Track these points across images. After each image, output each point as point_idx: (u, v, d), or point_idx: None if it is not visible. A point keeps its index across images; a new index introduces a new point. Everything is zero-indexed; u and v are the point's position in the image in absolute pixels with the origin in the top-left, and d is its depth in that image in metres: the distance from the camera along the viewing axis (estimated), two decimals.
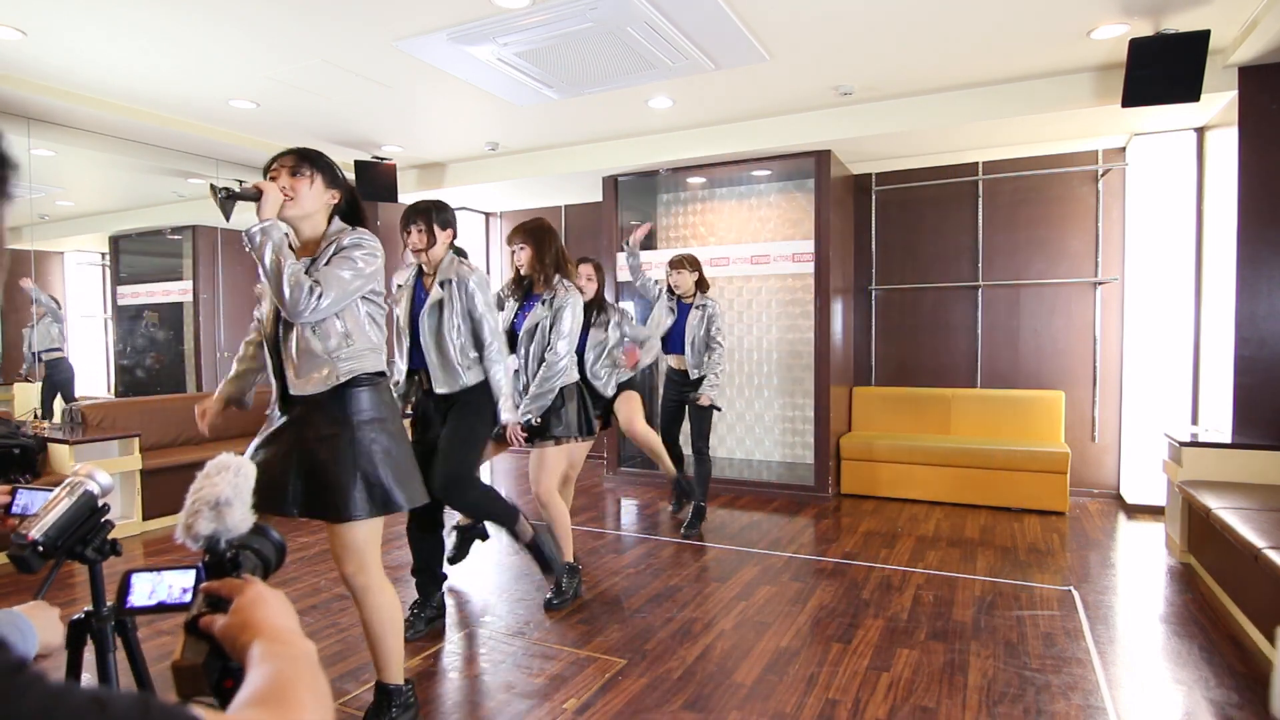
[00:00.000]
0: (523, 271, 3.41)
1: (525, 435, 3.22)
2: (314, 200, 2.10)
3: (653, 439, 4.34)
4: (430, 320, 2.87)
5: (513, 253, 3.41)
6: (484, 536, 3.81)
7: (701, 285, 4.57)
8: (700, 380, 4.44)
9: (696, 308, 4.47)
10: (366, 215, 2.24)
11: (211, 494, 0.87)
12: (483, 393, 2.93)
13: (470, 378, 2.90)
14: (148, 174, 6.11)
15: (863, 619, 3.19)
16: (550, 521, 3.40)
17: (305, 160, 2.08)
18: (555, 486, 3.42)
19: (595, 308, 3.90)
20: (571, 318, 3.30)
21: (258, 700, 0.61)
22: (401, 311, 2.95)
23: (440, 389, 2.91)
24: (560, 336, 3.27)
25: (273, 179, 2.07)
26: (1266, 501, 3.22)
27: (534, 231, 3.37)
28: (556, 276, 3.36)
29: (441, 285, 2.87)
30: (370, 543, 2.11)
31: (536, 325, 3.33)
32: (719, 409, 4.49)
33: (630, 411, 4.26)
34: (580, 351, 3.80)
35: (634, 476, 6.00)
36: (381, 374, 2.19)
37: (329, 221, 2.15)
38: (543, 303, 3.34)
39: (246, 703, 0.61)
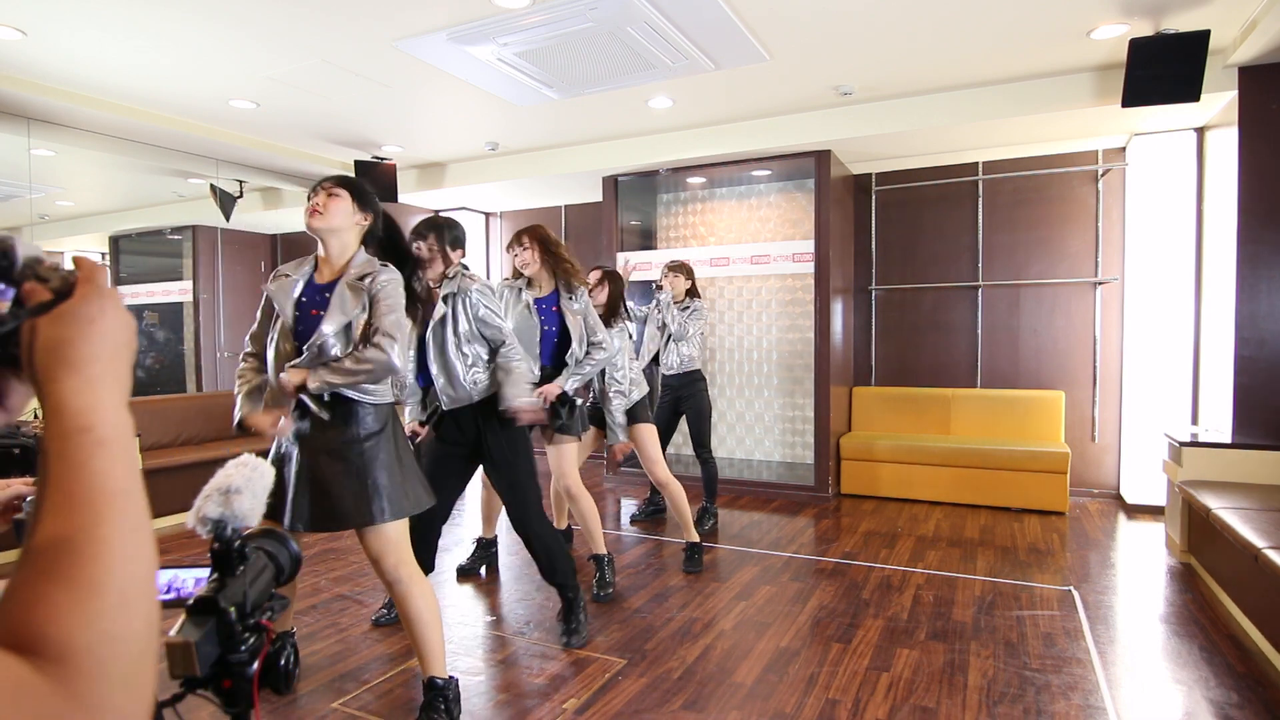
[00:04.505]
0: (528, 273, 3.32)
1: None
2: (341, 217, 2.22)
3: (680, 495, 3.85)
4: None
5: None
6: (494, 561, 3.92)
7: (693, 292, 4.54)
8: (693, 378, 4.44)
9: (683, 309, 4.43)
10: (408, 247, 2.42)
11: (224, 481, 0.91)
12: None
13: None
14: (148, 174, 6.11)
15: (863, 619, 3.19)
16: (580, 514, 3.41)
17: (340, 183, 2.26)
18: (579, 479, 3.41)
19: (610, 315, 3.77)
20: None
21: (45, 572, 0.44)
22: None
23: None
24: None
25: (322, 192, 2.23)
26: (1266, 501, 3.22)
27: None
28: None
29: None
30: (404, 536, 2.26)
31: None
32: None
33: (651, 450, 3.84)
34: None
35: (634, 476, 6.00)
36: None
37: (359, 245, 2.27)
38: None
39: (31, 565, 0.44)
